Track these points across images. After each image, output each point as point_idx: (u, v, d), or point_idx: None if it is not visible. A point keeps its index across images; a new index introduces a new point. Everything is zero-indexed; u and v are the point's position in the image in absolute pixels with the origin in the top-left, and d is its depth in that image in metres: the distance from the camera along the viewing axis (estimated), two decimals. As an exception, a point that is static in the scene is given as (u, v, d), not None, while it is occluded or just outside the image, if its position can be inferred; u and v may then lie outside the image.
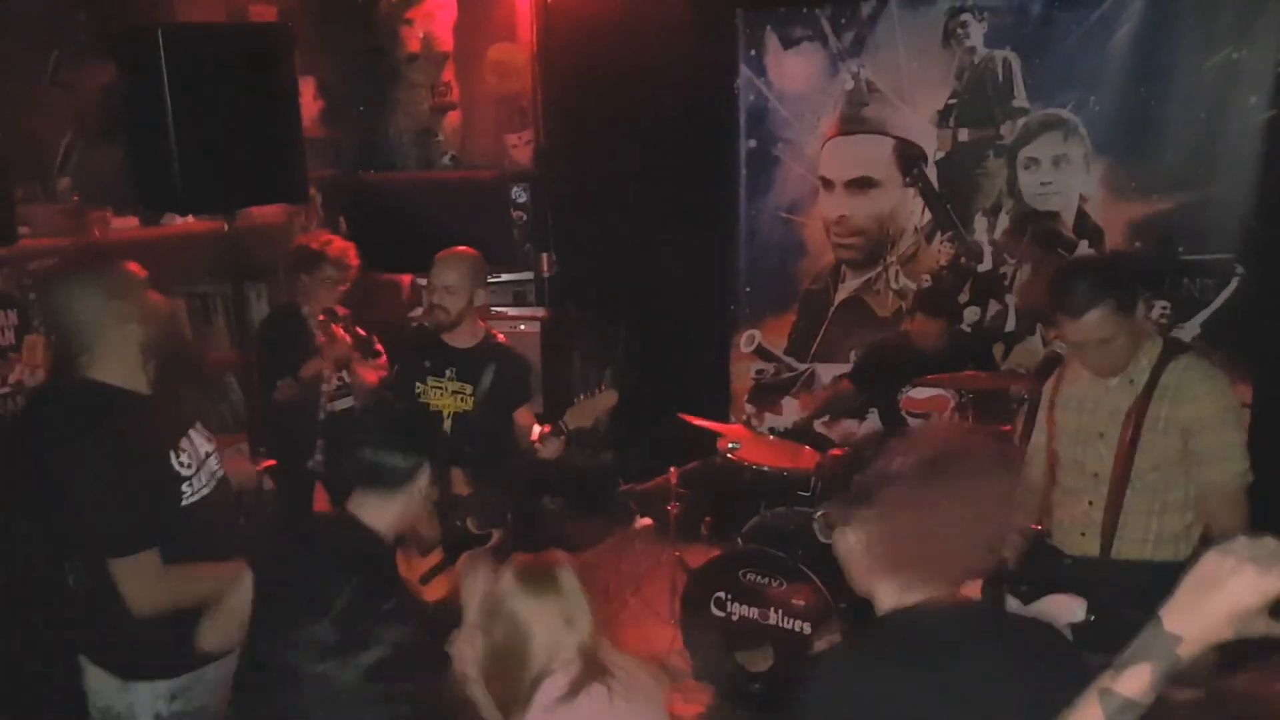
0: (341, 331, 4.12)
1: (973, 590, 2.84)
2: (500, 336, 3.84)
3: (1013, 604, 2.56)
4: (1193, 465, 2.75)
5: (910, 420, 4.88)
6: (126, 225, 4.36)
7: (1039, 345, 5.08)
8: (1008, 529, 1.81)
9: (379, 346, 4.34)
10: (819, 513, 1.92)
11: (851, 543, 1.78)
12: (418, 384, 3.71)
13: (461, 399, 3.67)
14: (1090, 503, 2.85)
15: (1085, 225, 4.91)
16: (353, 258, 4.29)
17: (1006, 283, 5.13)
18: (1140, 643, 1.36)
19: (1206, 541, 2.72)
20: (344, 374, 4.19)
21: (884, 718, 1.61)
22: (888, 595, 1.76)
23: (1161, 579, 1.40)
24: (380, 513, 2.38)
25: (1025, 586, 2.57)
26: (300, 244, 4.37)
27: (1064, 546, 2.93)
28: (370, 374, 4.16)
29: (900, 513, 1.66)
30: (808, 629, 3.91)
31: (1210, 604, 1.31)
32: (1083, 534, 2.88)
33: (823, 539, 1.90)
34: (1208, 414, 2.72)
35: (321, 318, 4.12)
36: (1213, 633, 1.32)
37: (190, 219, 4.47)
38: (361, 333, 4.30)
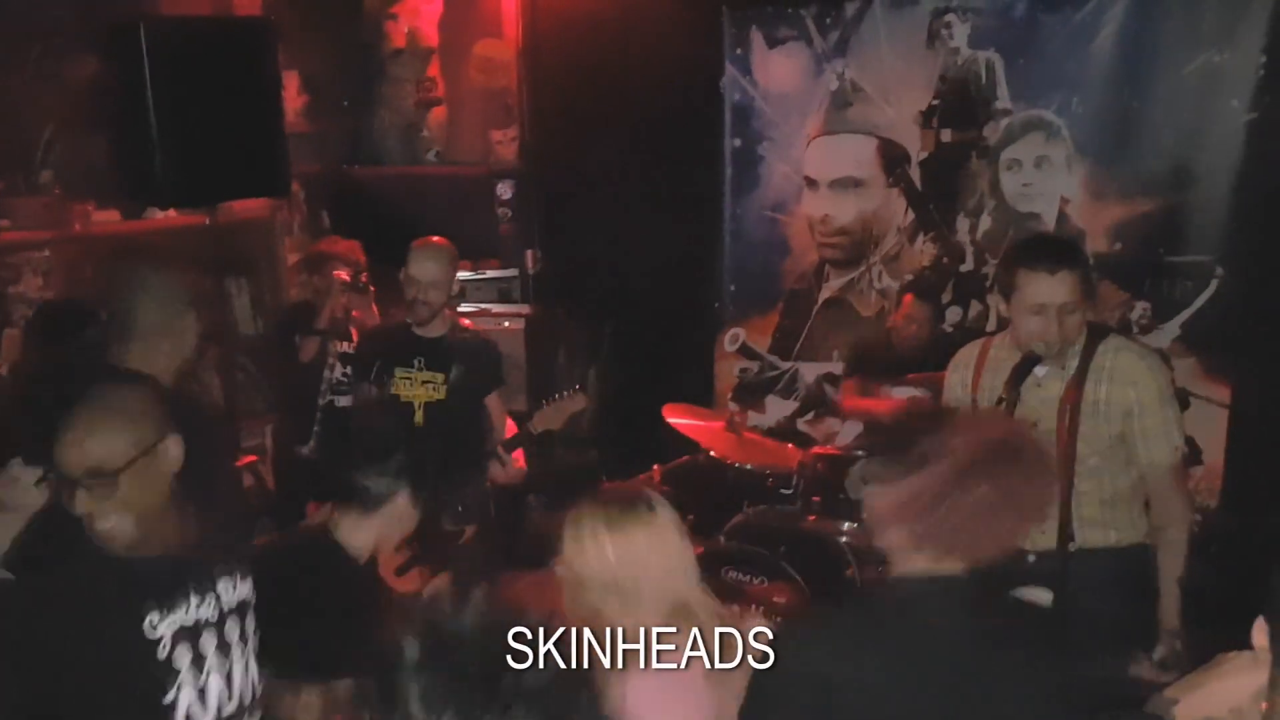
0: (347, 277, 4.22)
1: None
2: (467, 323, 3.85)
3: None
4: (1134, 446, 2.73)
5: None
6: (108, 218, 4.34)
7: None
8: (1035, 520, 1.87)
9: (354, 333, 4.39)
10: (858, 465, 1.97)
11: (887, 502, 1.80)
12: (385, 375, 3.71)
13: (433, 389, 3.67)
14: None
15: (1066, 226, 4.94)
16: (360, 254, 4.36)
17: (988, 283, 5.16)
18: None
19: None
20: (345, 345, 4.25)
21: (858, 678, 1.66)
22: (905, 560, 1.80)
23: (1125, 564, 1.43)
24: (357, 532, 2.37)
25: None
26: (311, 250, 4.46)
27: (1023, 543, 2.89)
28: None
29: (947, 487, 1.69)
30: (789, 626, 3.92)
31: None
32: (1041, 530, 2.85)
33: (853, 495, 1.95)
34: (1148, 395, 2.71)
35: (339, 274, 4.16)
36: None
37: (172, 213, 4.46)
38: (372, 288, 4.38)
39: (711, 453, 4.48)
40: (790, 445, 4.63)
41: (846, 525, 4.03)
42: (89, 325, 2.91)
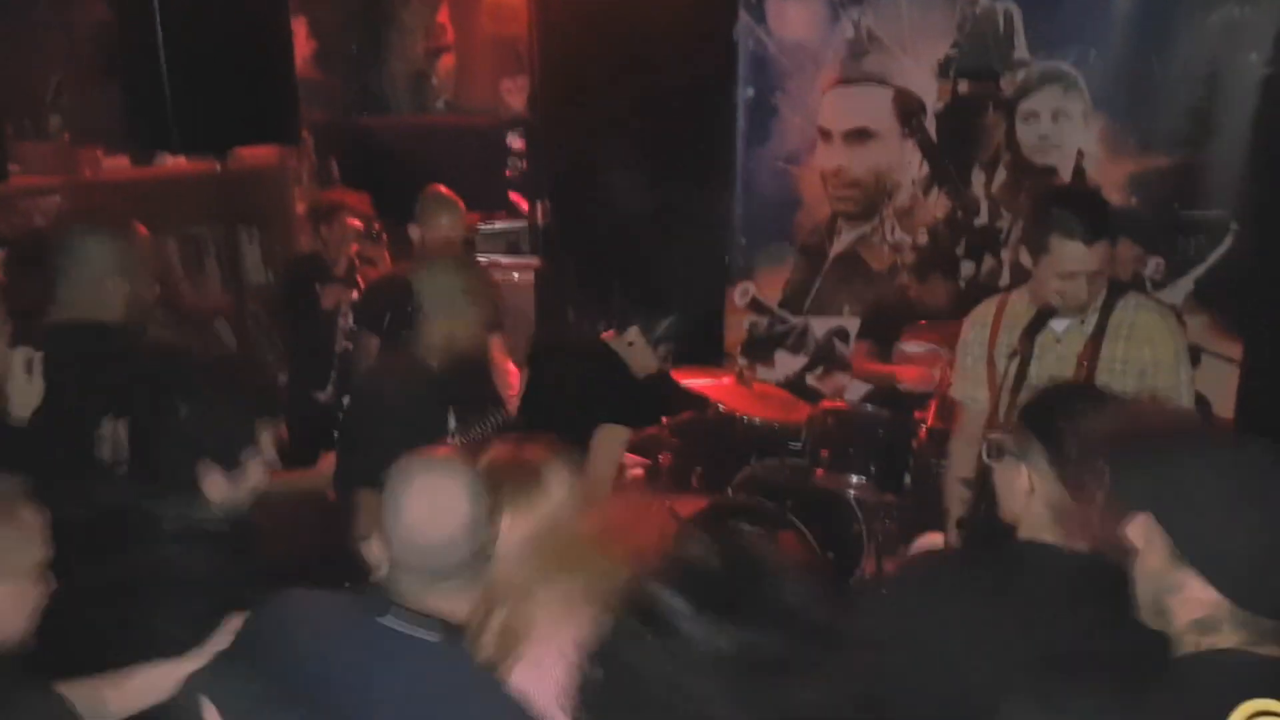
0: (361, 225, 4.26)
1: None
2: None
3: None
4: None
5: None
6: (118, 165, 4.32)
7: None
8: None
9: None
10: (995, 436, 1.95)
11: (1021, 480, 1.82)
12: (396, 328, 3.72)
13: None
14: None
15: (1082, 180, 4.89)
16: (368, 207, 4.35)
17: (1002, 237, 5.12)
18: None
19: None
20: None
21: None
22: (1031, 530, 1.82)
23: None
24: None
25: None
26: (320, 199, 4.44)
27: None
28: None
29: (1095, 482, 1.60)
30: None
31: None
32: None
33: (987, 459, 1.94)
34: (1165, 354, 2.70)
35: (353, 222, 4.19)
36: None
37: (182, 160, 4.43)
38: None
39: (720, 406, 4.49)
40: (799, 400, 4.63)
41: (855, 479, 4.05)
42: None
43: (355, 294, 4.26)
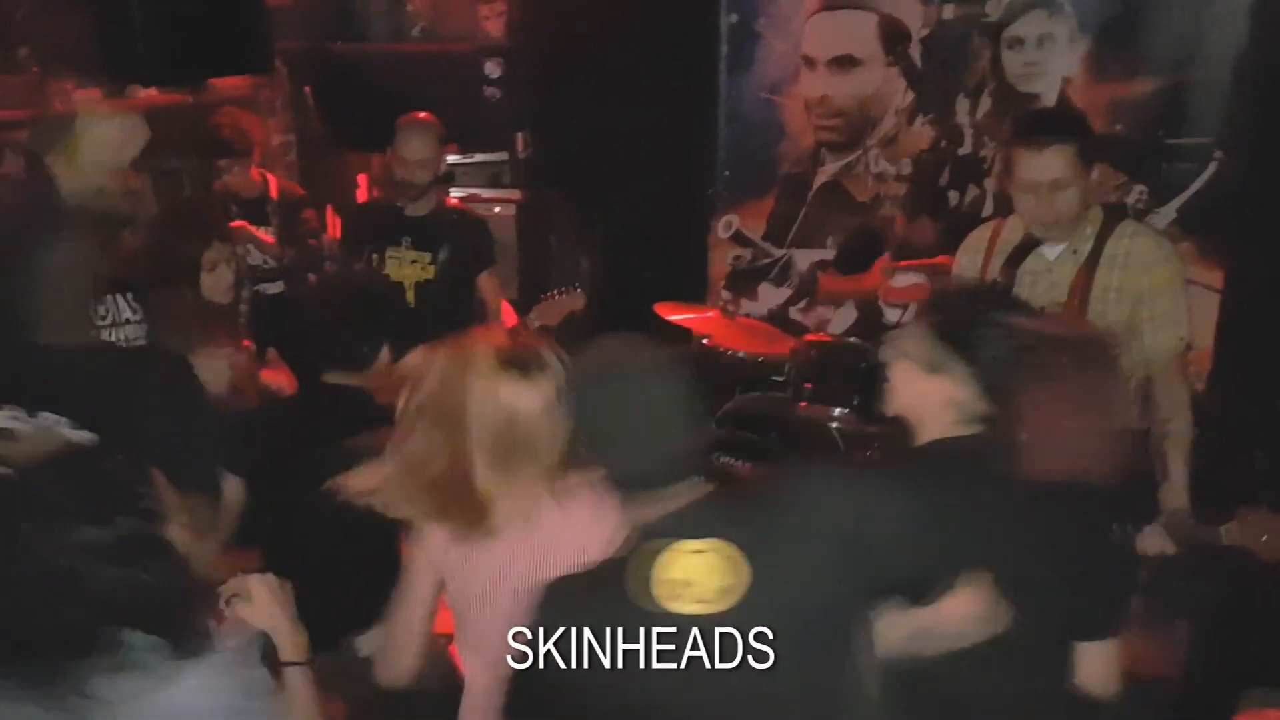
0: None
1: None
2: (454, 201, 3.82)
3: None
4: (1142, 332, 2.72)
5: (888, 310, 4.88)
6: (90, 97, 4.22)
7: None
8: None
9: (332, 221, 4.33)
10: (885, 341, 1.96)
11: (928, 384, 1.83)
12: (374, 256, 3.69)
13: (421, 268, 3.66)
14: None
15: (1067, 107, 4.86)
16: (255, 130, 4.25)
17: (986, 167, 5.10)
18: None
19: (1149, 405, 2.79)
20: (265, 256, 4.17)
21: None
22: (935, 430, 1.84)
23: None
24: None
25: None
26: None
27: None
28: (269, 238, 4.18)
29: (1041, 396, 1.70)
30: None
31: None
32: None
33: (882, 357, 1.95)
34: (1161, 281, 2.70)
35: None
36: None
37: (154, 91, 4.33)
38: (310, 214, 4.28)
39: (704, 340, 4.50)
40: (782, 332, 4.64)
41: (837, 411, 4.08)
42: None
43: (263, 230, 4.16)
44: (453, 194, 4.55)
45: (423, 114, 3.68)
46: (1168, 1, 4.55)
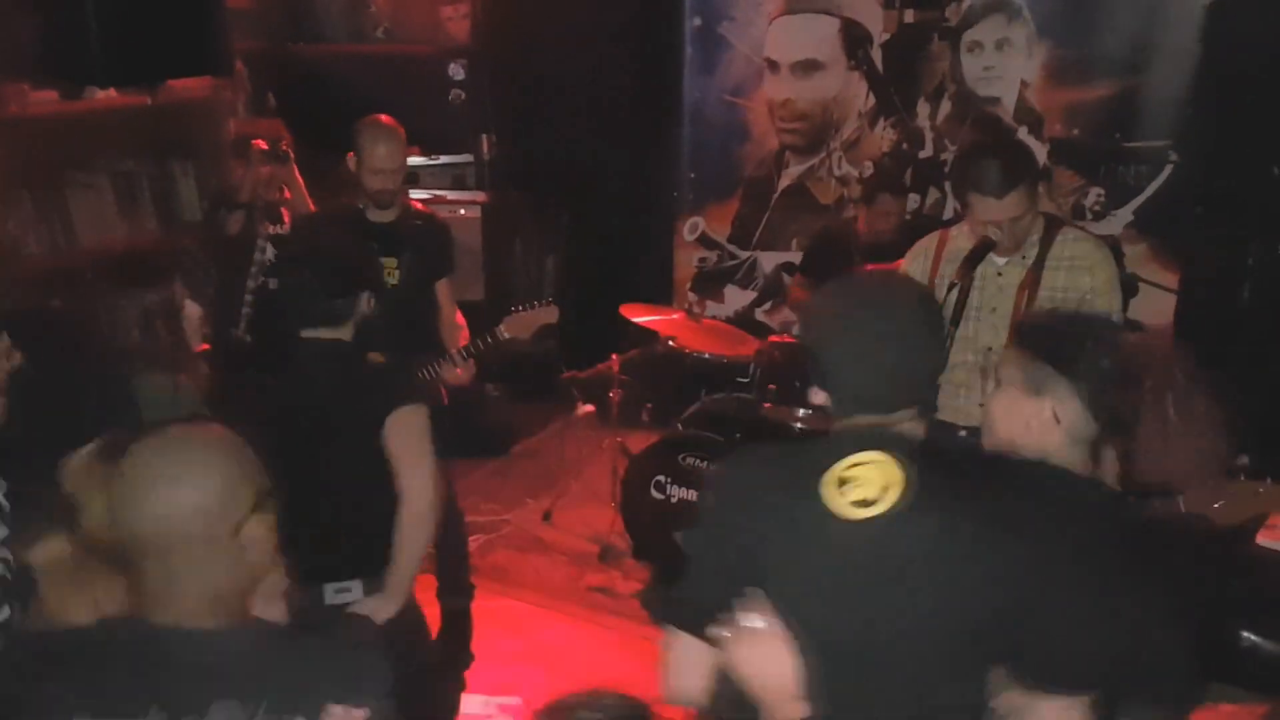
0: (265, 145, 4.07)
1: None
2: (419, 205, 3.79)
3: None
4: None
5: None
6: (46, 99, 4.16)
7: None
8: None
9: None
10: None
11: (1033, 405, 1.78)
12: None
13: (386, 274, 3.62)
14: (984, 372, 2.86)
15: (1025, 110, 4.92)
16: (281, 130, 4.20)
17: (946, 169, 5.15)
18: None
19: None
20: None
21: None
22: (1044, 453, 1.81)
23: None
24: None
25: None
26: (235, 133, 4.27)
27: (957, 420, 2.93)
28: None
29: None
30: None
31: None
32: (981, 404, 2.88)
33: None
34: (1102, 281, 2.86)
35: (257, 144, 4.05)
36: None
37: (112, 92, 4.27)
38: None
39: (670, 342, 4.51)
40: (747, 334, 4.66)
41: (801, 412, 4.10)
42: None
43: (277, 227, 4.11)
44: (415, 195, 4.53)
45: (384, 117, 3.64)
46: (1124, 7, 4.63)
